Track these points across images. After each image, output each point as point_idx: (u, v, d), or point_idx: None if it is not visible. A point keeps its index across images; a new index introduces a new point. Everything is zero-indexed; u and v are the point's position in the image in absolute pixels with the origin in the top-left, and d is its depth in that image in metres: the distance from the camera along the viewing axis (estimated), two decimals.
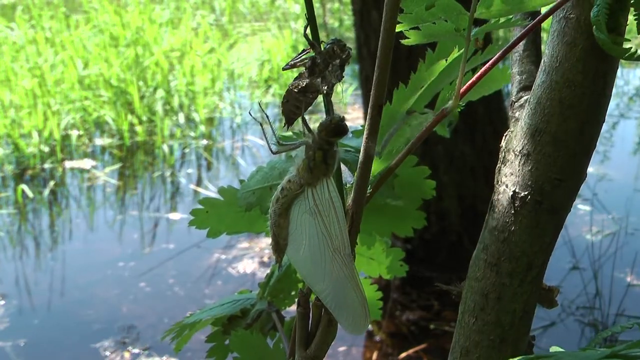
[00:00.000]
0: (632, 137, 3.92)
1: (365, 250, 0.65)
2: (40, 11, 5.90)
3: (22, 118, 3.99)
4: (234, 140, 4.07)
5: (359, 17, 2.55)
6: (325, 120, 0.45)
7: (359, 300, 0.47)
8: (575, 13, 0.42)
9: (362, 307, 0.47)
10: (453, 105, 0.46)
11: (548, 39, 0.44)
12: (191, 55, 4.86)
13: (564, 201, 0.47)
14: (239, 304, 0.69)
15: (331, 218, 0.46)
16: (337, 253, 0.46)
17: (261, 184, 0.59)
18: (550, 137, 0.45)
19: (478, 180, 2.45)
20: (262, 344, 0.63)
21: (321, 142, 0.45)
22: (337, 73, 0.42)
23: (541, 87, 0.45)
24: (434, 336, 2.24)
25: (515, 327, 0.49)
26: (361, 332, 0.48)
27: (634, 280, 2.47)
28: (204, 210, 0.63)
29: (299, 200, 0.47)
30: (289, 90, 0.45)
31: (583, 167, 0.47)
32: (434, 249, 2.45)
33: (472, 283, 0.50)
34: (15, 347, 2.27)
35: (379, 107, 0.45)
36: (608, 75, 0.44)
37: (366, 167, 0.46)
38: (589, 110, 0.44)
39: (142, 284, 2.61)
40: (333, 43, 0.43)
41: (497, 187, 0.48)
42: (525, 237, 0.47)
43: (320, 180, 0.46)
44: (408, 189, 0.58)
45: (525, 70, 0.50)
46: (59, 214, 3.25)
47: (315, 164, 0.45)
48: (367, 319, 0.48)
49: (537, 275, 0.49)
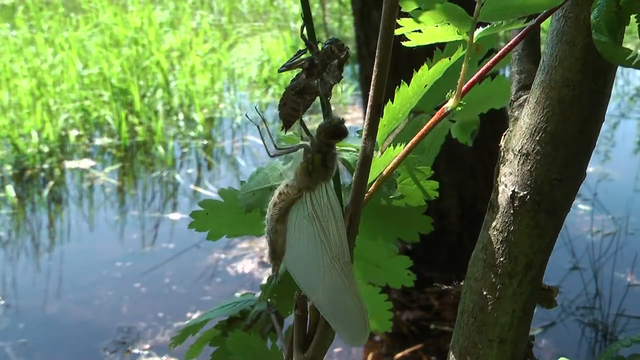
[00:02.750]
0: (632, 137, 3.92)
1: (371, 256, 0.64)
2: (39, 11, 5.89)
3: (21, 118, 3.99)
4: (234, 140, 4.07)
5: (359, 17, 2.55)
6: (324, 122, 0.44)
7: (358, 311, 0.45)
8: (574, 12, 0.42)
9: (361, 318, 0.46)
10: (453, 104, 0.46)
11: (547, 38, 0.44)
12: (191, 55, 4.86)
13: (564, 201, 0.47)
14: (239, 305, 0.68)
15: (330, 224, 0.44)
16: (336, 261, 0.45)
17: (261, 185, 0.58)
18: (550, 136, 0.45)
19: (478, 180, 2.44)
20: (260, 345, 0.62)
21: (320, 144, 0.44)
22: (336, 73, 0.42)
23: (540, 86, 0.44)
24: (433, 336, 2.24)
25: (514, 327, 0.49)
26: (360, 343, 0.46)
27: (634, 280, 2.47)
28: (204, 212, 0.62)
29: (296, 206, 0.45)
30: (286, 92, 0.44)
31: (582, 167, 0.46)
32: (434, 249, 2.45)
33: (471, 283, 0.50)
34: (15, 347, 2.27)
35: (377, 107, 0.45)
36: (608, 74, 0.43)
37: (364, 167, 0.46)
38: (589, 110, 0.44)
39: (142, 284, 2.61)
40: (331, 43, 0.42)
41: (496, 187, 0.48)
42: (524, 237, 0.47)
43: (319, 185, 0.44)
44: (410, 190, 0.57)
45: (524, 70, 0.50)
46: (58, 214, 3.25)
47: (314, 167, 0.44)
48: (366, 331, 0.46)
49: (537, 275, 0.49)
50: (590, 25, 0.40)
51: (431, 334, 2.25)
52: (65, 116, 4.13)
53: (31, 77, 4.37)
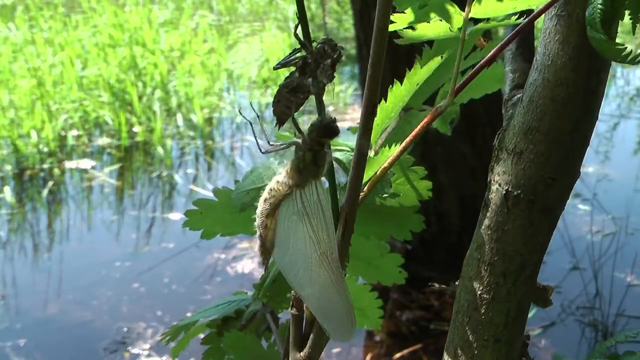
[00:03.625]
0: (632, 137, 3.91)
1: (363, 254, 0.64)
2: (39, 11, 5.90)
3: (21, 118, 3.99)
4: (233, 140, 4.07)
5: (358, 17, 2.54)
6: (316, 120, 0.44)
7: (345, 308, 0.46)
8: (567, 10, 0.42)
9: (348, 315, 0.46)
10: (447, 102, 0.46)
11: (540, 36, 0.44)
12: (190, 56, 4.86)
13: (557, 200, 0.47)
14: (234, 305, 0.68)
15: (319, 221, 0.45)
16: (324, 257, 0.45)
17: (256, 185, 0.58)
18: (543, 135, 0.44)
19: (478, 180, 2.44)
20: (256, 345, 0.62)
21: (312, 143, 0.44)
22: (328, 73, 0.42)
23: (533, 85, 0.44)
24: (433, 336, 2.23)
25: (509, 327, 0.49)
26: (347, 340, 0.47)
27: (634, 280, 2.47)
28: (198, 211, 0.63)
29: (287, 202, 0.46)
30: (279, 90, 0.44)
31: (576, 166, 0.46)
32: (434, 249, 2.44)
33: (465, 282, 0.50)
34: (14, 347, 2.27)
35: (372, 106, 0.45)
36: (601, 73, 0.43)
37: (360, 166, 0.46)
38: (582, 109, 0.44)
39: (142, 284, 2.61)
40: (324, 43, 0.42)
41: (490, 186, 0.48)
42: (518, 236, 0.47)
43: (309, 182, 0.45)
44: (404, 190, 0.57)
45: (518, 68, 0.50)
46: (58, 214, 3.25)
47: (305, 165, 0.45)
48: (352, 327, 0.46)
49: (531, 274, 0.49)
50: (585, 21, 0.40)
51: (431, 334, 2.24)
52: (65, 116, 4.13)
53: (31, 77, 4.37)
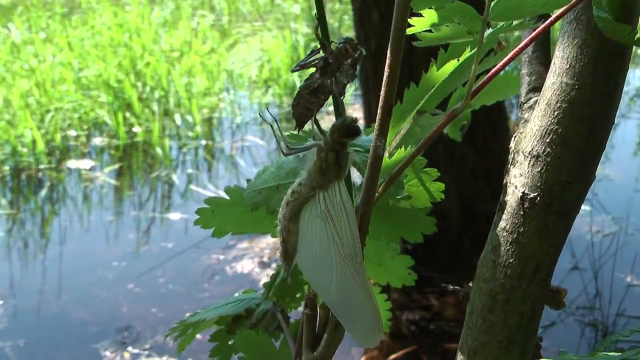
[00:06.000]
0: (632, 137, 3.92)
1: (373, 255, 0.64)
2: (38, 11, 5.88)
3: (19, 118, 3.98)
4: (233, 140, 4.06)
5: (359, 16, 2.54)
6: (338, 121, 0.44)
7: (371, 311, 0.45)
8: (586, 15, 0.42)
9: (374, 318, 0.45)
10: (463, 106, 0.46)
11: (558, 40, 0.44)
12: (190, 56, 4.85)
13: (573, 203, 0.47)
14: (244, 303, 0.68)
15: (342, 223, 0.44)
16: (349, 260, 0.45)
17: (268, 184, 0.58)
18: (560, 138, 0.45)
19: (478, 180, 2.45)
20: (268, 344, 0.62)
21: (333, 143, 0.44)
22: (349, 72, 0.42)
23: (551, 88, 0.45)
24: (433, 336, 2.24)
25: (523, 329, 0.49)
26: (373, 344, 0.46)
27: (634, 280, 2.48)
28: (209, 209, 0.63)
29: (309, 205, 0.45)
30: (299, 92, 0.44)
31: (592, 169, 0.46)
32: (434, 248, 2.44)
33: (480, 284, 0.50)
34: (14, 347, 2.27)
35: (388, 108, 0.45)
36: (618, 77, 0.43)
37: (375, 167, 0.46)
38: (599, 113, 0.44)
39: (142, 284, 2.61)
40: (345, 42, 0.42)
41: (506, 188, 0.48)
42: (534, 239, 0.47)
43: (332, 183, 0.45)
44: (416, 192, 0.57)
45: (534, 72, 0.50)
46: (56, 215, 3.24)
47: (328, 166, 0.44)
48: (379, 331, 0.46)
49: (545, 276, 0.49)
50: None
51: (431, 334, 2.25)
52: (64, 116, 4.12)
53: (29, 77, 4.36)
